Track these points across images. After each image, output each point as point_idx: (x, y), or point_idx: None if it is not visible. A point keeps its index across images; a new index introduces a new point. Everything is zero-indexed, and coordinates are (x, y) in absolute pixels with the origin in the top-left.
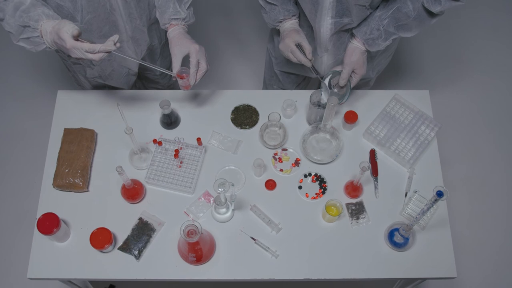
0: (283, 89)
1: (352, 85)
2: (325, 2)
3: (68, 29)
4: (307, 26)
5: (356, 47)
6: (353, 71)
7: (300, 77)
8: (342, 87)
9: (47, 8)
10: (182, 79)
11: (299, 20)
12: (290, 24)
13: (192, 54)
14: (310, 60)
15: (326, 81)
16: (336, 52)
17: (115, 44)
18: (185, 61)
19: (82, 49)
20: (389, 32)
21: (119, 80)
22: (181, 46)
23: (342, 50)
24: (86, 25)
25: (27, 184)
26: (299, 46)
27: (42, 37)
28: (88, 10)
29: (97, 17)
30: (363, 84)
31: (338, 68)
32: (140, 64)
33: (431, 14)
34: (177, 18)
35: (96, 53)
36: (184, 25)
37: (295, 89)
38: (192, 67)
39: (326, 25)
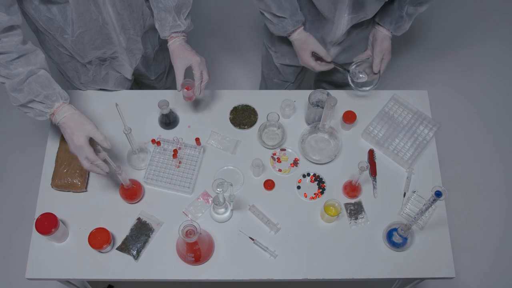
0: (284, 81)
1: (382, 71)
2: (344, 2)
3: (95, 135)
4: (314, 31)
5: (385, 35)
6: (382, 58)
7: (299, 67)
8: (375, 74)
9: (59, 86)
10: (188, 90)
11: (304, 26)
12: (297, 34)
13: (195, 67)
14: (330, 62)
15: (352, 67)
16: (343, 42)
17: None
18: (187, 72)
19: (83, 154)
20: (410, 14)
21: (114, 83)
22: (183, 58)
23: (349, 40)
24: (78, 38)
25: (26, 184)
26: (314, 53)
27: (53, 114)
28: (79, 24)
29: (88, 31)
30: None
31: (360, 58)
32: (135, 70)
33: None
34: (177, 31)
35: (92, 163)
36: (183, 35)
37: (295, 79)
38: (196, 79)
39: (343, 21)
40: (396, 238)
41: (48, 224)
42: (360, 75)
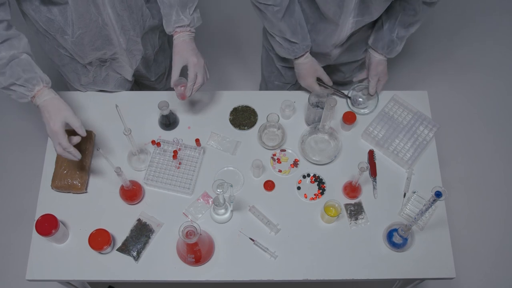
0: (285, 83)
1: (378, 92)
2: (350, 4)
3: (72, 121)
4: (315, 33)
5: (379, 60)
6: (378, 80)
7: None
8: (372, 96)
9: (40, 70)
10: (181, 87)
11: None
12: (304, 58)
13: (190, 68)
14: (331, 87)
15: (351, 93)
16: (345, 43)
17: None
18: (185, 70)
19: (57, 140)
20: (401, 36)
21: (114, 84)
22: (181, 56)
23: (350, 41)
24: (78, 39)
25: (26, 185)
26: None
27: (34, 97)
28: (79, 25)
29: (88, 32)
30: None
31: (360, 77)
32: (135, 72)
33: (431, 4)
34: (181, 26)
35: (65, 149)
36: (189, 30)
37: (296, 81)
38: (189, 80)
39: (348, 24)
40: (396, 239)
41: (48, 225)
42: (359, 99)
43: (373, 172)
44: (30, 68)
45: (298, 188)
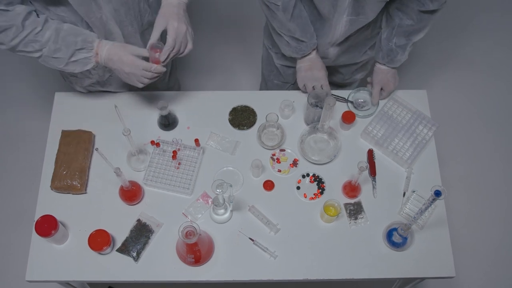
0: (284, 82)
1: (381, 98)
2: (344, 2)
3: (137, 50)
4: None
5: (379, 68)
6: (381, 89)
7: None
8: (374, 105)
9: (85, 29)
10: (155, 52)
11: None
12: (314, 55)
13: (170, 32)
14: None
15: (351, 97)
16: (343, 44)
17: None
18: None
19: (139, 68)
20: (402, 45)
21: (118, 84)
22: (164, 18)
23: (348, 41)
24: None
25: (25, 186)
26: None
27: (97, 55)
28: (87, 22)
29: (95, 28)
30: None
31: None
32: None
33: (433, 12)
34: None
35: (149, 71)
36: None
37: (295, 80)
38: (166, 44)
39: (342, 22)
40: (396, 238)
41: (48, 226)
42: (359, 100)
43: (373, 172)
44: (77, 31)
45: (298, 187)
